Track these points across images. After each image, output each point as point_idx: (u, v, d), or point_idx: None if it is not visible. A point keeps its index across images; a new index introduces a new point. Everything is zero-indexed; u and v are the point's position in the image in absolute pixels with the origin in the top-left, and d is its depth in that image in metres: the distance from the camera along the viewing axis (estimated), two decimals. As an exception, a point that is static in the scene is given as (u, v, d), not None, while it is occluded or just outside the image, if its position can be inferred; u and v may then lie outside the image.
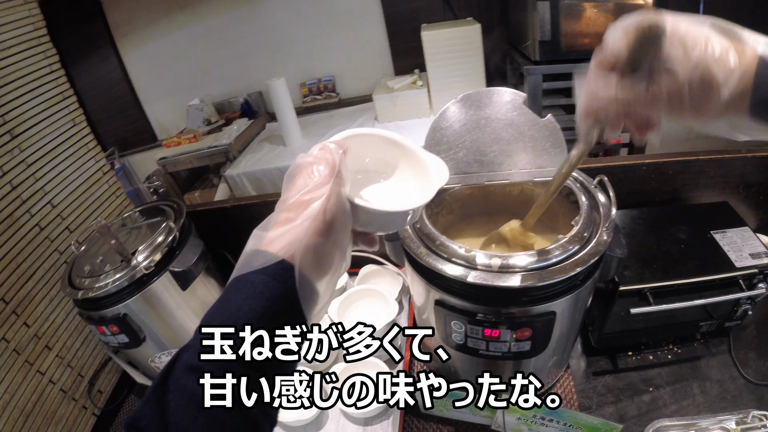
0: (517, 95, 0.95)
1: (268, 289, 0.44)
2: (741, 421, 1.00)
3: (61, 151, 1.40)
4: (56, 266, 1.33)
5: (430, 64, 2.96)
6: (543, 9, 2.42)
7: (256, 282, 0.44)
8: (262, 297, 0.44)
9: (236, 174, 3.04)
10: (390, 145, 0.62)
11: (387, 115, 3.18)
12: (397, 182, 0.63)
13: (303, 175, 0.49)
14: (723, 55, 0.48)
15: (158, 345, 1.21)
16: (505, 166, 0.99)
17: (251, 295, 0.44)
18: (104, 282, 1.09)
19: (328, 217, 0.47)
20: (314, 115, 3.78)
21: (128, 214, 1.36)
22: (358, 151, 0.58)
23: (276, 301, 0.44)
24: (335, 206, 0.48)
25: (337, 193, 0.48)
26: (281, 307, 0.45)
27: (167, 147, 3.50)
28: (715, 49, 0.48)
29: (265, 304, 0.44)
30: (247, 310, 0.43)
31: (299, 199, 0.47)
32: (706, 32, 0.49)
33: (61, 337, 1.32)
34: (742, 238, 1.13)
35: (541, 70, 2.61)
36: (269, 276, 0.44)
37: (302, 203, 0.47)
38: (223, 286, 1.35)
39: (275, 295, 0.44)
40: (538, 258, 0.77)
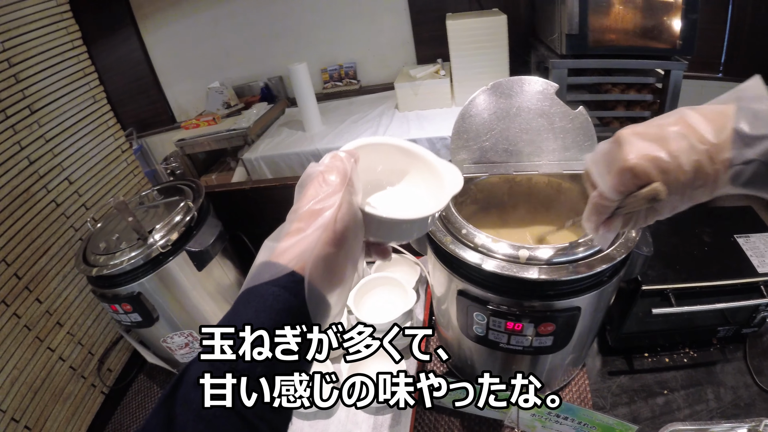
0: (549, 85, 0.93)
1: (278, 302, 0.43)
2: (753, 429, 0.98)
3: (81, 128, 1.40)
4: (71, 243, 1.34)
5: (454, 53, 2.92)
6: (572, 2, 2.39)
7: (266, 294, 0.44)
8: (272, 310, 0.43)
9: (254, 158, 3.03)
10: (402, 153, 0.61)
11: (408, 104, 3.16)
12: (410, 190, 0.62)
13: (314, 184, 0.48)
14: (700, 171, 0.51)
15: (171, 325, 1.21)
16: (534, 157, 0.98)
17: (261, 308, 0.43)
18: (119, 260, 1.09)
19: (340, 226, 0.46)
20: (334, 102, 3.77)
21: (146, 193, 1.36)
22: (370, 160, 0.58)
23: (286, 314, 0.44)
24: (347, 216, 0.47)
25: (348, 202, 0.48)
26: (292, 319, 0.44)
27: (186, 129, 3.51)
28: (689, 171, 0.51)
29: (275, 317, 0.43)
30: (257, 323, 0.42)
31: (310, 209, 0.46)
32: (684, 158, 0.51)
33: (73, 314, 1.32)
34: (766, 243, 1.11)
35: (567, 64, 2.58)
36: (280, 288, 0.44)
37: (313, 213, 0.46)
38: (239, 269, 1.36)
39: (286, 307, 0.44)
40: (566, 251, 0.75)
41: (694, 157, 0.50)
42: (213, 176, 3.53)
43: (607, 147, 0.56)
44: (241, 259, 1.41)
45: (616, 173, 0.54)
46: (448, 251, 0.80)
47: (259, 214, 1.49)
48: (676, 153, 0.51)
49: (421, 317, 1.31)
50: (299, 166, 2.97)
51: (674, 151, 0.51)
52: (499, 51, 2.90)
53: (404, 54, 3.72)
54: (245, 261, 1.42)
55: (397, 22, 3.61)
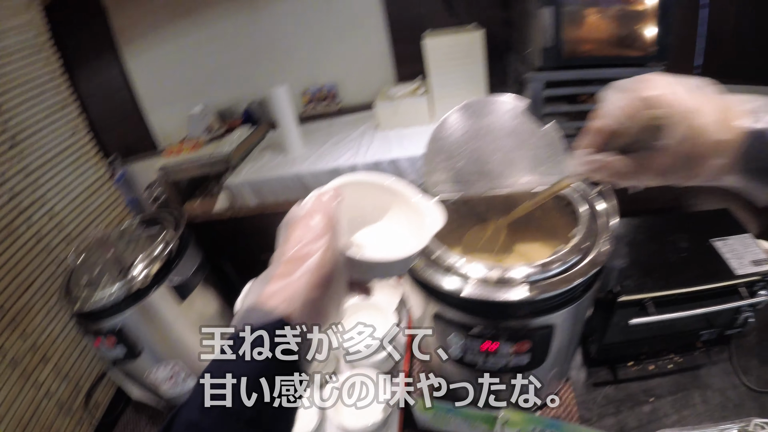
0: (519, 102, 0.95)
1: (267, 344, 0.44)
2: (743, 429, 0.99)
3: (62, 159, 1.40)
4: (55, 276, 1.33)
5: (433, 71, 2.96)
6: (545, 15, 2.42)
7: (254, 338, 0.44)
8: (260, 354, 0.44)
9: (237, 183, 3.02)
10: (383, 190, 0.62)
11: (389, 122, 3.17)
12: (392, 228, 0.64)
13: (299, 227, 0.50)
14: (711, 128, 0.49)
15: (155, 358, 1.20)
16: (507, 176, 0.98)
17: (251, 350, 0.44)
18: (101, 294, 1.08)
19: (325, 271, 0.48)
20: (316, 123, 3.77)
21: (127, 224, 1.35)
22: (352, 198, 0.58)
23: (274, 357, 0.44)
24: (332, 259, 0.49)
25: (333, 246, 0.49)
26: (281, 362, 0.45)
27: (168, 155, 3.50)
28: (704, 123, 0.50)
29: (265, 359, 0.44)
30: (247, 367, 0.43)
31: (296, 253, 0.48)
32: (698, 104, 0.50)
33: (59, 348, 1.31)
34: (744, 245, 1.13)
35: (543, 77, 2.61)
36: (268, 332, 0.44)
37: (300, 257, 0.47)
38: (221, 298, 1.36)
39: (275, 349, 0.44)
40: (537, 270, 0.76)
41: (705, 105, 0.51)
42: (197, 202, 3.50)
43: (627, 82, 0.55)
44: (223, 288, 1.40)
45: (628, 97, 0.54)
46: (419, 276, 0.80)
47: (240, 243, 1.49)
48: (687, 93, 0.51)
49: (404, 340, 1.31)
50: (282, 189, 2.97)
51: (687, 90, 0.52)
52: (476, 67, 2.95)
53: (384, 73, 3.74)
54: (227, 290, 1.41)
55: (375, 42, 3.64)
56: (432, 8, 3.45)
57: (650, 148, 0.53)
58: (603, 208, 0.91)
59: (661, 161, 0.53)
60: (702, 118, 0.49)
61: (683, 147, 0.51)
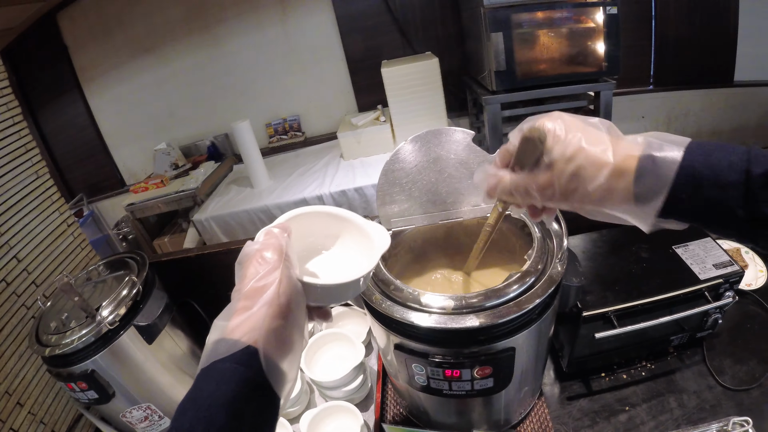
0: (467, 134, 0.96)
1: (236, 375, 0.46)
2: (722, 429, 1.00)
3: (25, 205, 1.39)
4: (24, 321, 1.31)
5: (392, 99, 3.00)
6: (497, 40, 2.48)
7: (224, 369, 0.46)
8: (231, 382, 0.46)
9: (204, 218, 3.02)
10: (331, 218, 0.65)
11: (352, 152, 3.21)
12: (342, 253, 0.67)
13: (253, 263, 0.52)
14: (597, 152, 0.52)
15: (129, 399, 1.18)
16: (458, 204, 1.00)
17: (222, 381, 0.46)
18: (70, 338, 1.07)
19: (283, 300, 0.50)
20: (281, 155, 3.81)
21: (93, 267, 1.33)
22: (302, 229, 0.61)
23: (246, 384, 0.46)
24: (288, 288, 0.51)
25: (288, 276, 0.51)
26: (252, 389, 0.46)
27: (135, 193, 3.47)
28: (588, 147, 0.53)
29: (235, 389, 0.45)
30: (220, 395, 0.45)
31: (253, 287, 0.50)
32: (587, 130, 0.54)
33: (33, 393, 1.29)
34: (705, 249, 1.14)
35: (499, 99, 2.67)
36: (236, 363, 0.47)
37: (257, 290, 0.50)
38: (190, 337, 1.35)
39: (245, 378, 0.46)
40: (493, 295, 0.77)
41: (591, 133, 0.54)
42: (166, 239, 3.49)
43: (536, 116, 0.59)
44: (192, 327, 1.38)
45: (526, 124, 0.58)
46: (378, 309, 0.81)
47: (207, 280, 1.47)
48: (575, 122, 0.55)
49: (376, 367, 1.31)
50: (249, 223, 2.98)
51: (577, 120, 0.56)
52: (434, 93, 2.98)
53: (345, 103, 3.81)
54: (197, 328, 1.40)
55: (335, 73, 3.70)
56: (389, 38, 3.53)
57: (537, 165, 0.57)
58: (556, 228, 0.92)
59: (545, 177, 0.56)
60: (586, 142, 0.53)
61: (567, 166, 0.53)
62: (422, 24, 3.54)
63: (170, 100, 3.81)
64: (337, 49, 3.63)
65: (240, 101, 3.81)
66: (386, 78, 2.92)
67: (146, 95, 3.78)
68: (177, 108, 3.84)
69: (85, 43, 3.57)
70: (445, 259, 1.10)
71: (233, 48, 3.64)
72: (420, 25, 3.54)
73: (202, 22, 3.56)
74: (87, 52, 3.60)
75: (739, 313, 1.28)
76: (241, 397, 0.45)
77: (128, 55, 3.63)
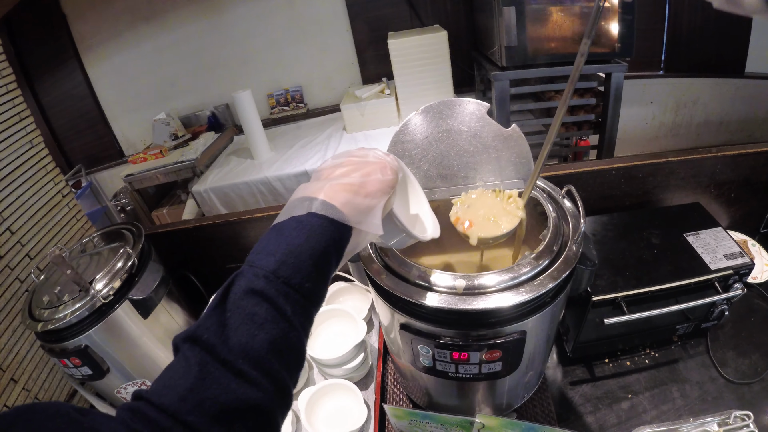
0: (481, 105, 0.92)
1: (327, 232, 0.52)
2: (723, 422, 0.99)
3: (19, 175, 1.35)
4: (18, 295, 1.29)
5: (398, 72, 2.95)
6: (509, 14, 2.42)
7: (313, 224, 0.51)
8: (321, 238, 0.51)
9: (203, 190, 2.98)
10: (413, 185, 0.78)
11: (355, 125, 3.17)
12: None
13: (379, 164, 0.60)
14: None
15: (124, 375, 1.17)
16: (470, 179, 0.96)
17: (312, 235, 0.51)
18: (63, 313, 1.05)
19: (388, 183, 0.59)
20: (282, 127, 3.76)
21: (88, 239, 1.30)
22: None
23: (333, 243, 0.52)
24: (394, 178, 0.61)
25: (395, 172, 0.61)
26: (337, 249, 0.53)
27: (133, 163, 3.43)
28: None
29: (324, 245, 0.51)
30: (308, 247, 0.50)
31: (359, 162, 0.60)
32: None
33: (27, 369, 1.28)
34: (716, 238, 1.13)
35: (509, 76, 2.62)
36: (327, 221, 0.52)
37: (361, 164, 0.59)
38: (187, 311, 1.33)
39: (333, 238, 0.52)
40: (506, 277, 0.73)
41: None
42: (164, 210, 3.46)
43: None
44: (189, 301, 1.36)
45: None
46: (384, 286, 0.77)
47: (205, 252, 1.46)
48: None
49: (377, 345, 1.29)
50: (249, 195, 2.95)
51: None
52: (441, 67, 2.93)
53: (349, 75, 3.74)
54: (194, 302, 1.37)
55: (340, 44, 3.62)
56: (396, 9, 3.45)
57: None
58: (571, 208, 0.89)
59: None
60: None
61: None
62: (431, -5, 3.46)
63: (170, 70, 3.73)
64: (342, 19, 3.55)
65: (241, 71, 3.74)
66: (392, 50, 2.87)
67: (146, 64, 3.70)
68: (177, 78, 3.77)
69: (84, 12, 3.48)
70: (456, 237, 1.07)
71: (235, 16, 3.55)
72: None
73: (203, -12, 3.47)
74: (86, 21, 3.51)
75: (744, 306, 1.28)
76: (325, 254, 0.51)
77: (127, 23, 3.55)
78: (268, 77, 3.79)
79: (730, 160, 1.33)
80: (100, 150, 3.93)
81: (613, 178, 1.34)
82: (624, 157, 1.35)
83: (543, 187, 0.96)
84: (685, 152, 1.33)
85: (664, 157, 1.31)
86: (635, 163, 1.32)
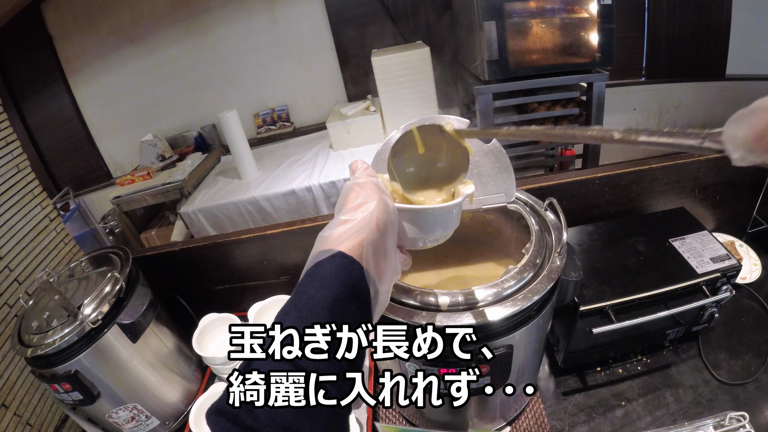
0: (462, 122, 0.93)
1: (337, 279, 0.50)
2: (719, 424, 0.99)
3: (6, 200, 1.35)
4: (7, 320, 1.27)
5: (382, 89, 2.97)
6: (489, 29, 2.45)
7: (324, 274, 0.50)
8: (332, 286, 0.49)
9: (191, 211, 2.98)
10: None
11: (342, 142, 3.18)
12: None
13: (354, 190, 0.59)
14: None
15: (114, 400, 1.15)
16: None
17: (323, 285, 0.50)
18: (52, 338, 1.03)
19: (380, 214, 0.56)
20: (269, 146, 3.77)
21: (76, 263, 1.29)
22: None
23: (346, 289, 0.50)
24: (385, 207, 0.58)
25: (385, 200, 0.58)
26: (351, 294, 0.51)
27: (121, 185, 3.42)
28: None
29: (336, 292, 0.49)
30: (320, 297, 0.49)
31: (356, 204, 0.57)
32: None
33: (18, 394, 1.26)
34: (702, 242, 1.13)
35: (491, 89, 2.64)
36: (337, 267, 0.51)
37: (358, 206, 0.56)
38: (177, 334, 1.32)
39: (345, 283, 0.50)
40: (490, 292, 0.74)
41: None
42: (153, 232, 3.44)
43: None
44: (178, 323, 1.35)
45: None
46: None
47: (194, 275, 1.45)
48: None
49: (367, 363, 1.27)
50: (237, 215, 2.95)
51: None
52: (425, 83, 2.96)
53: (335, 92, 3.76)
54: (183, 324, 1.36)
55: (324, 62, 3.65)
56: (379, 27, 3.48)
57: None
58: (554, 220, 0.89)
59: None
60: None
61: None
62: (413, 12, 3.51)
63: (156, 91, 3.75)
64: (326, 37, 3.59)
65: (227, 91, 3.75)
66: (376, 67, 2.89)
67: (132, 85, 3.71)
68: (163, 98, 3.78)
69: (70, 33, 3.50)
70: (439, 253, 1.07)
71: (220, 37, 3.58)
72: (411, 13, 3.51)
73: (188, 10, 3.49)
74: (72, 43, 3.53)
75: (734, 306, 1.28)
76: (340, 300, 0.49)
77: (113, 45, 3.56)
78: (254, 97, 3.81)
79: (713, 164, 1.35)
80: (87, 172, 3.92)
81: (596, 187, 1.35)
82: (606, 166, 1.36)
83: (525, 200, 0.96)
84: (668, 158, 1.34)
85: (647, 164, 1.33)
86: (618, 172, 1.33)
